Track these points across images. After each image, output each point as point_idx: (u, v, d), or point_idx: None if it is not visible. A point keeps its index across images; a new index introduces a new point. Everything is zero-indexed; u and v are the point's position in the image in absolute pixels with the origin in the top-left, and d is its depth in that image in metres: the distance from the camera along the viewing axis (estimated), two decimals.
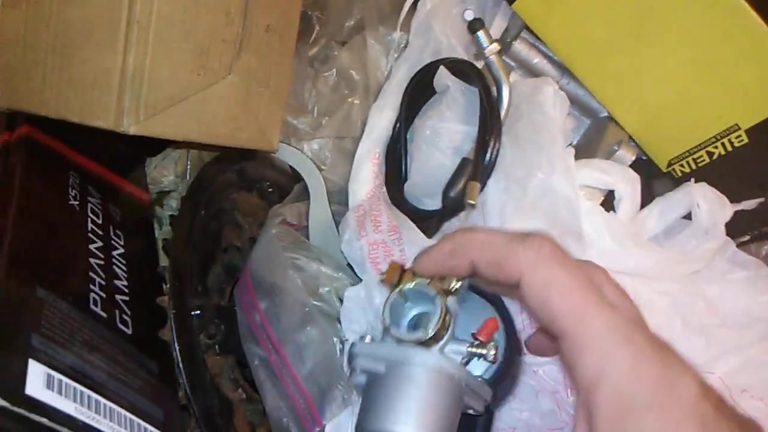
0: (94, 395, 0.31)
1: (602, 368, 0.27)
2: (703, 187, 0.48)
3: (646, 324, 0.29)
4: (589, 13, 0.53)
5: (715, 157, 0.54)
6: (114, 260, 0.42)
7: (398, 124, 0.58)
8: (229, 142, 0.49)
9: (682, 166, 0.56)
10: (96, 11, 0.39)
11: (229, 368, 0.48)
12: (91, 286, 0.37)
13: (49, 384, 0.29)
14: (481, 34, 0.52)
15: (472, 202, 0.47)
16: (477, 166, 0.48)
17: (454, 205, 0.51)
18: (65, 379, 0.30)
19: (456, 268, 0.32)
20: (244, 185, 0.55)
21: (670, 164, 0.56)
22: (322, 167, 0.62)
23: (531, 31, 0.58)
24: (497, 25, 0.60)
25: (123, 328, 0.38)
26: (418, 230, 0.52)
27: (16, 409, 0.26)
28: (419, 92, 0.58)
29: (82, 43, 0.40)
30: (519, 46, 0.60)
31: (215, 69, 0.44)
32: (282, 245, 0.50)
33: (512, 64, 0.61)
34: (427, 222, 0.54)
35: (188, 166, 0.60)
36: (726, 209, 0.47)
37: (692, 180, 0.53)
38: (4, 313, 0.31)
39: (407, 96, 0.58)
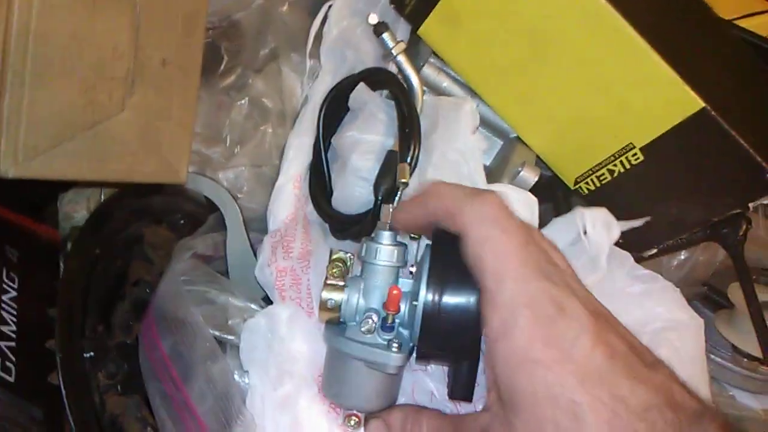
0: None
1: (505, 327, 0.31)
2: (593, 212, 0.49)
3: (555, 290, 0.32)
4: (489, 37, 0.55)
5: (615, 174, 0.55)
6: (2, 305, 0.41)
7: (317, 141, 0.59)
8: (130, 178, 0.49)
9: (587, 183, 0.57)
10: None
11: (135, 407, 0.48)
12: None
13: None
14: (386, 36, 0.54)
15: (405, 180, 0.47)
16: (403, 150, 0.49)
17: (387, 195, 0.52)
18: None
19: (421, 217, 0.37)
20: (152, 219, 0.54)
21: (576, 182, 0.58)
22: (239, 196, 0.62)
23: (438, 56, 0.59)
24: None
25: (5, 375, 0.37)
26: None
27: None
28: (334, 109, 0.59)
29: None
30: (427, 71, 0.61)
31: (105, 105, 0.44)
32: (187, 279, 0.50)
33: (423, 88, 0.62)
34: (361, 224, 0.53)
35: (101, 200, 0.60)
36: (613, 233, 0.48)
37: (599, 196, 0.55)
38: None
39: (323, 113, 0.58)
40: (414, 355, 0.40)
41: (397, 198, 0.42)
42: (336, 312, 0.39)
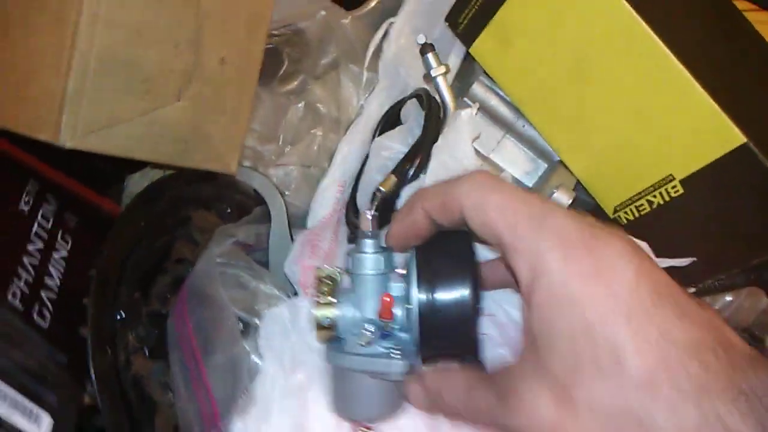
0: None
1: (536, 269, 0.28)
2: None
3: (580, 222, 0.29)
4: (536, 58, 0.55)
5: (655, 206, 0.54)
6: (53, 261, 0.46)
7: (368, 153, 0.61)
8: (181, 162, 0.53)
9: (626, 213, 0.56)
10: (48, 39, 0.44)
11: (159, 372, 0.52)
12: (15, 281, 0.42)
13: None
14: (430, 56, 0.54)
15: (383, 188, 0.46)
16: (403, 164, 0.50)
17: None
18: None
19: (416, 222, 0.35)
20: (201, 204, 0.58)
21: (615, 211, 0.57)
22: (286, 192, 0.65)
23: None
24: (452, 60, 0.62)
25: (39, 321, 0.42)
26: None
27: None
28: (390, 125, 0.61)
29: (37, 65, 0.45)
30: (477, 88, 0.62)
31: (162, 95, 0.49)
32: (223, 261, 0.54)
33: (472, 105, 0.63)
34: None
35: None
36: None
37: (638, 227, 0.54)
38: None
39: (379, 128, 0.61)
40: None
41: (374, 205, 0.41)
42: (333, 329, 0.39)
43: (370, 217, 0.39)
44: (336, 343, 0.40)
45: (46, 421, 0.38)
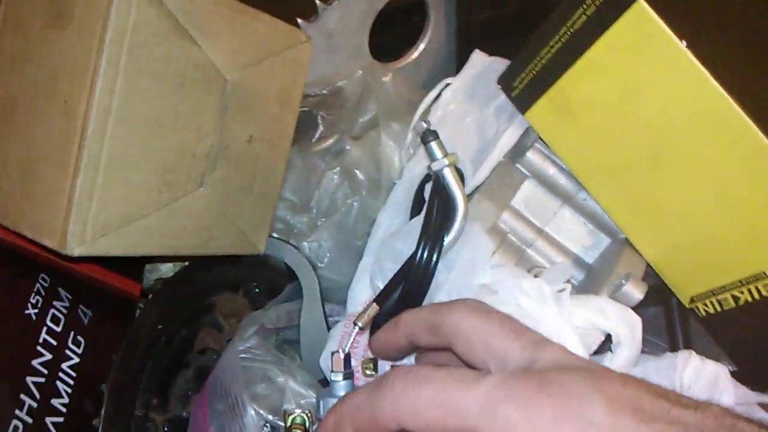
0: None
1: None
2: (702, 364, 0.41)
3: (538, 356, 0.28)
4: (603, 132, 0.49)
5: (741, 302, 0.47)
6: (61, 374, 0.41)
7: None
8: (204, 251, 0.48)
9: (706, 305, 0.49)
10: (55, 132, 0.39)
11: None
12: (17, 411, 0.37)
13: None
14: (433, 145, 0.48)
15: (360, 324, 0.41)
16: (385, 290, 0.45)
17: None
18: None
19: (398, 344, 0.34)
20: (228, 286, 0.53)
21: (692, 301, 0.50)
22: (320, 265, 0.60)
23: None
24: (510, 134, 0.56)
25: None
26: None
27: None
28: (418, 207, 0.55)
29: (42, 161, 0.40)
30: (532, 157, 0.56)
31: (182, 184, 0.44)
32: (247, 356, 0.49)
33: (527, 173, 0.57)
34: None
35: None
36: (722, 397, 0.40)
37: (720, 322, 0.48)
38: None
39: (413, 207, 0.56)
40: None
41: (348, 341, 0.37)
42: None
43: (342, 356, 0.35)
44: None
45: None
